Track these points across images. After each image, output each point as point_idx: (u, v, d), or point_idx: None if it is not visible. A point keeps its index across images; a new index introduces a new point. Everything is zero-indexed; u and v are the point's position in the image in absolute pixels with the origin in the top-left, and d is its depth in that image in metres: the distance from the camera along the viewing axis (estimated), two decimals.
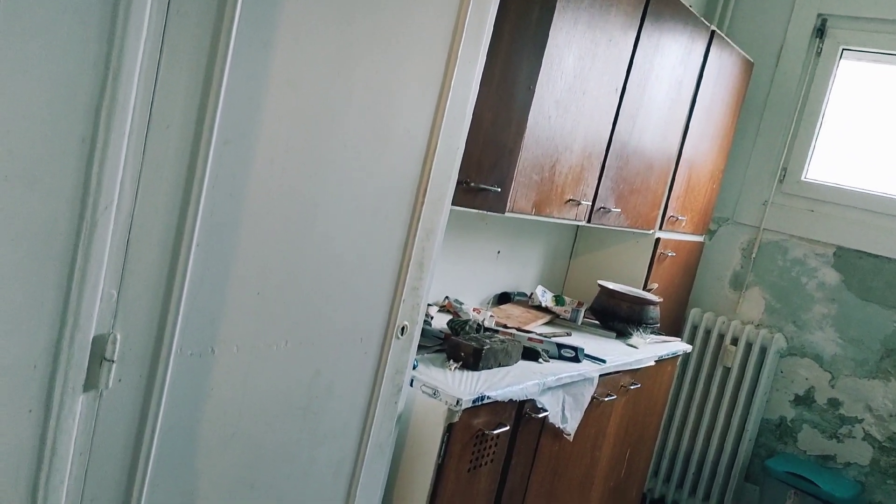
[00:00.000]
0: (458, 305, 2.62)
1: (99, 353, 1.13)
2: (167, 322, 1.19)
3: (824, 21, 3.48)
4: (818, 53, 3.51)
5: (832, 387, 3.44)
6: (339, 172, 1.42)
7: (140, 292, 1.15)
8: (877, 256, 3.34)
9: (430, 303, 2.63)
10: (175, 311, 1.19)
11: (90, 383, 1.14)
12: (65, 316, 1.08)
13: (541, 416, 2.19)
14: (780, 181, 3.59)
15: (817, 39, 3.50)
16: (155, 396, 1.21)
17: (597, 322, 2.98)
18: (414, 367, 1.91)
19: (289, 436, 1.49)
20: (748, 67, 3.44)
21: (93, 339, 1.12)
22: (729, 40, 3.24)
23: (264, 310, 1.36)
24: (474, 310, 2.62)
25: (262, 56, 1.22)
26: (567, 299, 3.07)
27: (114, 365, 1.14)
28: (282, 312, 1.40)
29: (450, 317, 2.49)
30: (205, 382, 1.29)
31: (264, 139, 1.27)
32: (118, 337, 1.13)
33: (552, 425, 2.26)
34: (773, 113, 3.60)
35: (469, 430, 1.95)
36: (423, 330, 2.11)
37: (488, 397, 1.93)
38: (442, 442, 1.87)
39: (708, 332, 3.62)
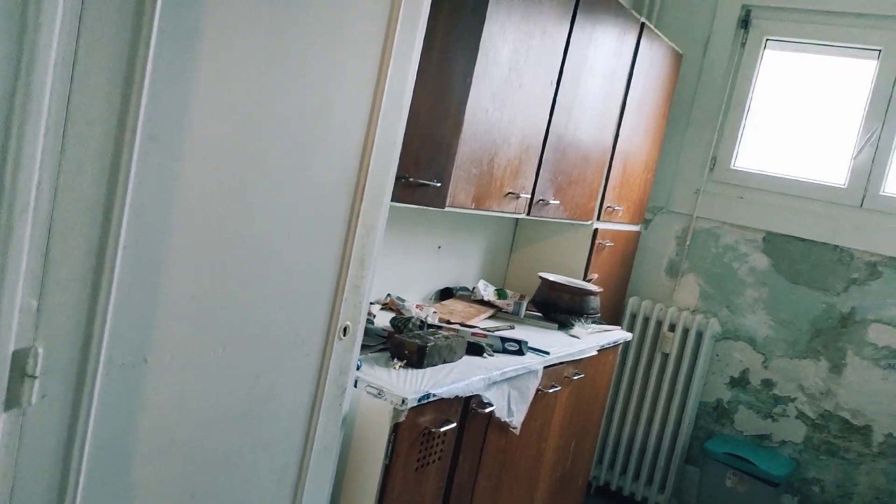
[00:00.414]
0: (401, 303, 2.59)
1: (20, 369, 1.05)
2: (94, 332, 1.12)
3: (748, 12, 3.58)
4: (743, 44, 3.61)
5: (765, 368, 3.55)
6: (274, 169, 1.37)
7: (63, 301, 1.08)
8: (803, 240, 3.46)
9: (372, 301, 2.59)
10: (102, 319, 1.12)
11: (11, 401, 1.06)
12: None
13: (487, 410, 2.18)
14: (711, 170, 3.68)
15: (742, 30, 3.60)
16: (83, 411, 1.14)
17: (539, 314, 2.99)
18: (358, 368, 1.87)
19: (229, 442, 1.44)
20: (677, 59, 3.51)
21: (12, 355, 1.04)
22: (658, 32, 3.29)
23: (200, 314, 1.30)
24: (417, 306, 2.60)
25: (189, 47, 1.17)
26: (509, 293, 3.07)
27: (36, 380, 1.07)
28: (218, 316, 1.34)
29: (392, 314, 2.46)
30: (138, 393, 1.22)
31: (194, 135, 1.21)
32: (40, 350, 1.06)
33: (498, 419, 2.26)
34: (702, 103, 3.68)
35: (415, 429, 1.92)
36: (365, 329, 2.07)
37: (434, 395, 1.91)
38: (388, 442, 1.84)
39: (646, 320, 3.69)
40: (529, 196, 2.64)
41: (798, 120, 3.58)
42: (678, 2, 3.73)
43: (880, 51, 3.32)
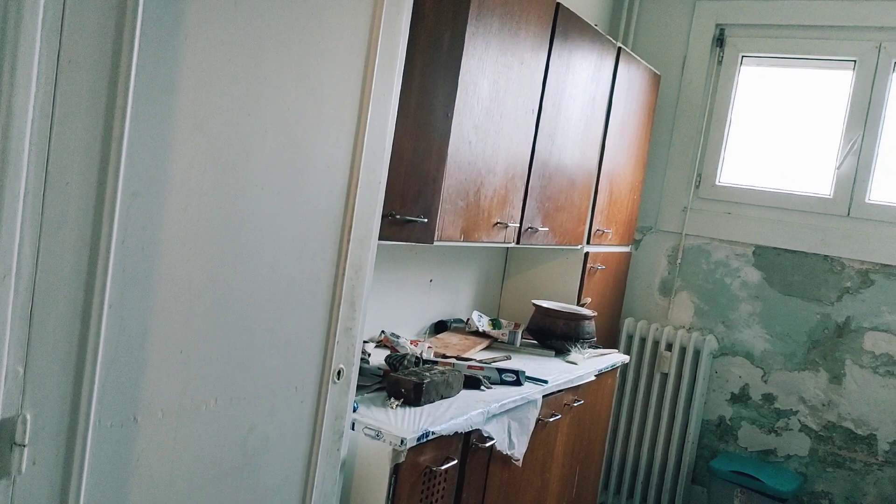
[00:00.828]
0: (395, 339, 2.57)
1: (8, 438, 1.03)
2: (82, 394, 1.10)
3: (722, 31, 3.63)
4: (720, 62, 3.65)
5: (765, 382, 3.54)
6: (258, 215, 1.36)
7: (49, 366, 1.06)
8: (794, 252, 3.46)
9: (366, 339, 2.57)
10: (90, 381, 1.11)
11: (1, 471, 1.04)
12: None
13: (488, 444, 2.15)
14: (697, 187, 3.69)
15: (718, 48, 3.64)
16: (74, 476, 1.11)
17: (535, 342, 2.97)
18: (354, 410, 1.85)
19: (226, 498, 1.41)
20: (656, 80, 3.54)
21: (0, 423, 1.02)
22: (635, 55, 3.33)
23: (189, 369, 1.28)
24: (412, 342, 2.58)
25: (166, 101, 1.16)
26: (503, 322, 3.06)
27: (26, 448, 1.04)
28: (209, 369, 1.32)
29: (387, 352, 2.44)
30: (129, 453, 1.20)
31: (175, 187, 1.20)
32: (28, 417, 1.04)
33: (500, 452, 2.23)
34: (683, 122, 3.71)
35: (416, 469, 1.89)
36: (360, 368, 2.05)
37: (433, 433, 1.89)
38: (389, 484, 1.81)
39: (643, 340, 3.67)
40: (518, 225, 2.64)
41: (780, 133, 3.61)
42: (653, 24, 3.78)
43: (855, 61, 3.36)
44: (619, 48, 3.11)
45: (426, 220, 2.13)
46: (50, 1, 1.00)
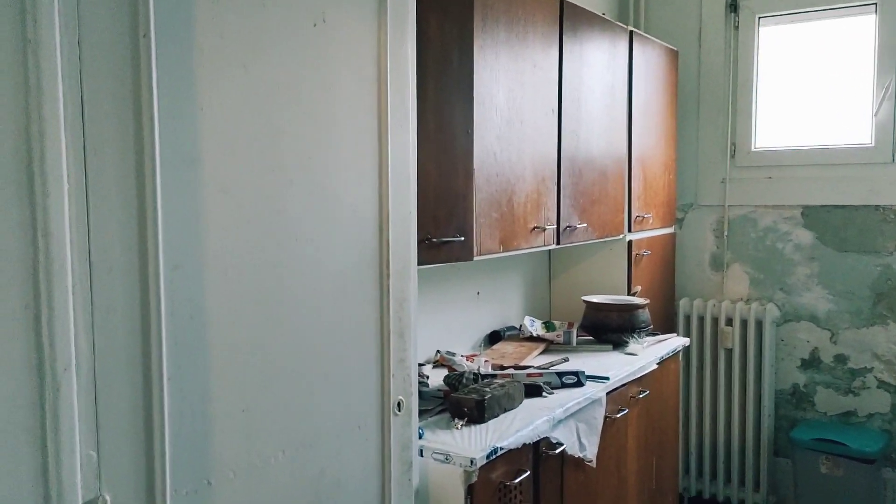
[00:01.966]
0: (451, 357, 2.57)
1: None
2: (155, 468, 1.14)
3: None
4: (736, 27, 3.58)
5: (834, 343, 3.44)
6: (294, 265, 1.39)
7: (120, 446, 1.10)
8: (842, 207, 3.37)
9: (423, 362, 2.59)
10: (161, 454, 1.14)
11: None
12: (47, 489, 1.03)
13: (558, 451, 2.14)
14: (732, 156, 3.62)
15: (732, 14, 3.57)
16: None
17: (591, 338, 2.95)
18: (420, 436, 1.87)
19: None
20: (674, 56, 3.49)
21: None
22: (649, 36, 3.29)
23: (253, 425, 1.31)
24: (468, 358, 2.58)
25: (191, 172, 1.20)
26: (556, 323, 3.04)
27: None
28: (272, 422, 1.35)
29: (445, 371, 2.45)
30: None
31: (212, 253, 1.23)
32: (108, 498, 1.08)
33: (571, 457, 2.22)
34: (708, 93, 3.65)
35: (490, 486, 1.90)
36: (420, 393, 2.07)
37: (501, 448, 1.89)
38: None
39: (701, 319, 3.61)
40: (555, 226, 2.63)
41: (810, 89, 3.52)
42: (662, 1, 3.72)
43: (876, 3, 3.26)
44: (631, 32, 3.08)
45: (462, 238, 2.14)
46: (69, 94, 1.04)
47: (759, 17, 3.54)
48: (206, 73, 1.21)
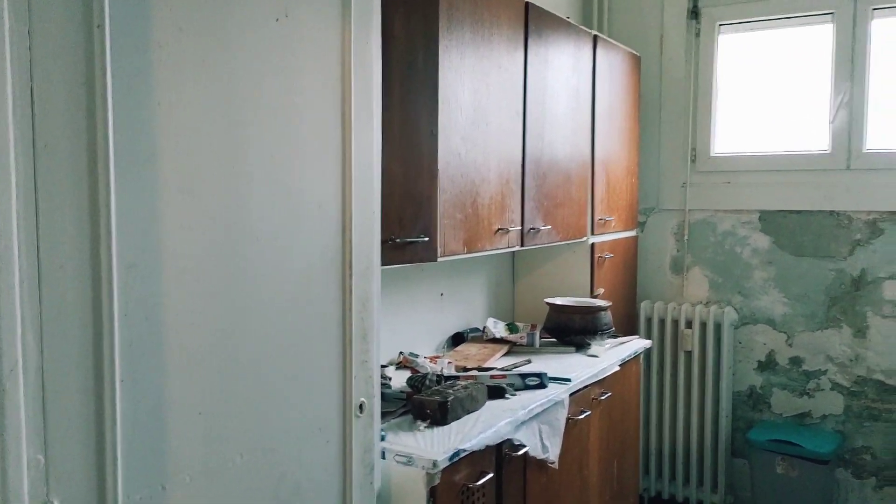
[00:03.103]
0: (414, 359, 2.56)
1: None
2: (106, 472, 1.10)
3: (695, 3, 3.61)
4: (697, 34, 3.63)
5: (790, 346, 3.51)
6: (256, 266, 1.36)
7: (70, 450, 1.06)
8: (799, 212, 3.44)
9: (385, 363, 2.57)
10: (112, 458, 1.11)
11: None
12: None
13: (521, 452, 2.14)
14: (693, 161, 3.67)
15: (693, 21, 3.63)
16: None
17: (554, 340, 2.96)
18: (382, 438, 1.85)
19: None
20: (636, 61, 3.53)
21: None
22: (612, 41, 3.31)
23: (210, 428, 1.28)
24: (431, 359, 2.57)
25: (148, 169, 1.16)
26: (520, 325, 3.04)
27: None
28: (230, 425, 1.32)
29: (408, 373, 2.43)
30: None
31: (170, 253, 1.20)
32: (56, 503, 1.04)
33: (534, 458, 2.22)
34: (669, 99, 3.69)
35: (453, 489, 1.88)
36: (383, 394, 2.05)
37: (464, 450, 1.88)
38: None
39: (662, 322, 3.65)
40: (519, 228, 2.63)
41: (769, 96, 3.59)
42: (626, 7, 3.76)
43: (832, 13, 3.34)
44: (595, 36, 3.10)
45: (427, 238, 2.13)
46: (18, 88, 1.00)
47: (720, 25, 3.60)
48: (164, 68, 1.18)
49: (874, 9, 3.25)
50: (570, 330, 2.91)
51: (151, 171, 1.17)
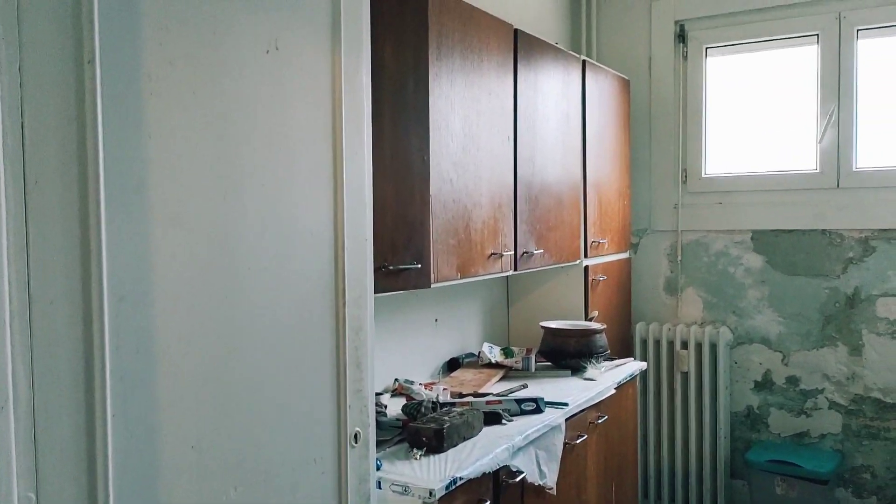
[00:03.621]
0: (409, 386, 2.54)
1: None
2: None
3: (682, 27, 3.65)
4: (685, 57, 3.67)
5: (786, 365, 3.51)
6: (249, 297, 1.35)
7: (61, 487, 1.05)
8: (791, 231, 3.46)
9: (380, 391, 2.55)
10: (104, 494, 1.09)
11: None
12: None
13: (518, 479, 2.13)
14: (684, 182, 3.70)
15: (681, 44, 3.67)
16: None
17: (549, 364, 2.95)
18: (378, 468, 1.83)
19: None
20: (625, 85, 3.56)
21: None
22: (601, 65, 3.35)
23: (203, 462, 1.26)
24: (426, 386, 2.56)
25: (138, 201, 1.16)
26: (515, 349, 3.04)
27: None
28: (223, 459, 1.30)
29: (403, 400, 2.41)
30: None
31: (161, 285, 1.19)
32: None
33: (532, 484, 2.20)
34: (659, 121, 3.72)
35: None
36: (378, 422, 2.03)
37: (461, 478, 1.86)
38: None
39: (657, 343, 3.65)
40: (513, 252, 2.64)
41: (758, 117, 3.62)
42: (614, 32, 3.81)
43: (817, 35, 3.38)
44: (584, 61, 3.13)
45: (419, 265, 2.13)
46: (8, 120, 1.00)
47: (707, 48, 3.64)
48: (155, 101, 1.18)
49: (859, 30, 3.29)
50: (566, 353, 2.90)
51: (142, 203, 1.16)
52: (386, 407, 2.37)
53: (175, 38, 1.21)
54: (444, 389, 2.48)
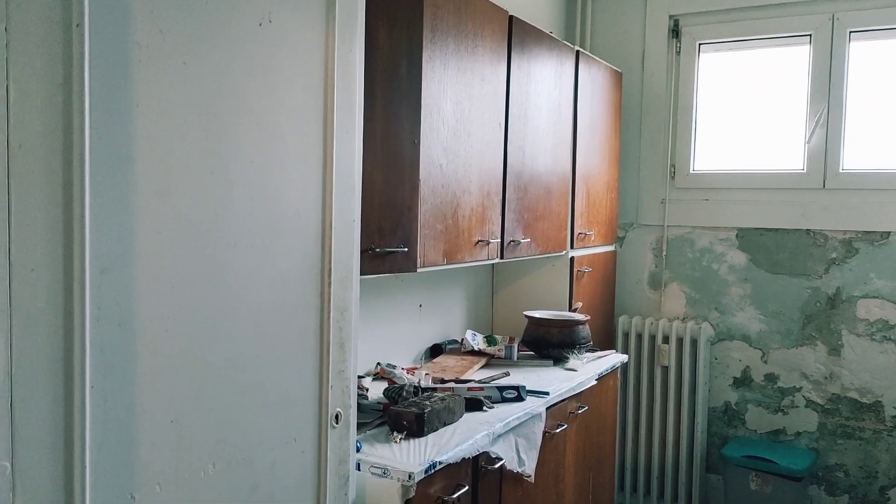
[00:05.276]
0: (391, 370, 2.54)
1: None
2: (74, 481, 1.07)
3: (676, 22, 3.65)
4: (678, 52, 3.67)
5: (765, 362, 3.53)
6: (233, 273, 1.34)
7: (37, 457, 1.04)
8: (775, 230, 3.48)
9: (363, 374, 2.55)
10: (81, 465, 1.08)
11: None
12: None
13: (497, 465, 2.13)
14: (672, 178, 3.70)
15: (674, 39, 3.67)
16: None
17: (532, 353, 2.96)
18: (358, 449, 1.83)
19: None
20: (618, 78, 3.56)
21: None
22: (594, 57, 3.34)
23: (182, 437, 1.25)
24: (408, 370, 2.55)
25: (124, 172, 1.14)
26: (498, 338, 3.04)
27: None
28: (202, 434, 1.29)
29: (385, 384, 2.41)
30: None
31: (144, 258, 1.18)
32: None
33: (510, 471, 2.20)
34: (650, 115, 3.73)
35: (428, 501, 1.87)
36: (360, 405, 2.03)
37: (440, 462, 1.86)
38: None
39: (639, 337, 3.67)
40: (499, 240, 2.63)
41: (747, 115, 3.63)
42: (608, 24, 3.80)
43: (810, 35, 3.39)
44: (578, 51, 3.12)
45: (406, 249, 2.12)
46: None
47: (700, 44, 3.64)
48: (144, 69, 1.16)
49: (852, 32, 3.30)
50: (549, 343, 2.91)
51: (128, 174, 1.15)
52: (367, 390, 2.37)
53: (167, 5, 1.19)
54: (427, 374, 2.48)
